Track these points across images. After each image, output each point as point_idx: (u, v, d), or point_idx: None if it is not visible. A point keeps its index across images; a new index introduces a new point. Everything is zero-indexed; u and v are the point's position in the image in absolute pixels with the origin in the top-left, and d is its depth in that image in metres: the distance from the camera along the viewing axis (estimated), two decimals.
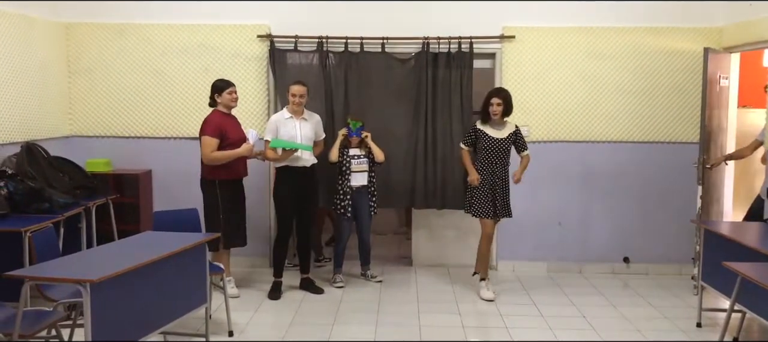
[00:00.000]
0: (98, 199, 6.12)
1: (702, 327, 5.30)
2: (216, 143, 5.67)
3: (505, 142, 5.99)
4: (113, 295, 3.71)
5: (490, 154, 5.97)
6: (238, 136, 5.84)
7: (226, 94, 5.82)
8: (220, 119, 5.77)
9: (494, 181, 5.98)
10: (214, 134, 5.68)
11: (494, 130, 5.98)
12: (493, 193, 5.97)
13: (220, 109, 5.84)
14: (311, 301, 5.90)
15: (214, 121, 5.74)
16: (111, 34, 6.77)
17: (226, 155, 5.71)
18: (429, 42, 6.59)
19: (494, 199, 5.98)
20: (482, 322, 5.48)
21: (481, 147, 5.99)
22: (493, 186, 5.98)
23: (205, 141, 5.68)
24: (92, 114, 6.86)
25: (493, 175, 5.98)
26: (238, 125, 5.95)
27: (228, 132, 5.76)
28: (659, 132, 6.73)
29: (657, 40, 6.62)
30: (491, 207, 5.98)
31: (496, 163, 5.98)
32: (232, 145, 5.75)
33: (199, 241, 4.64)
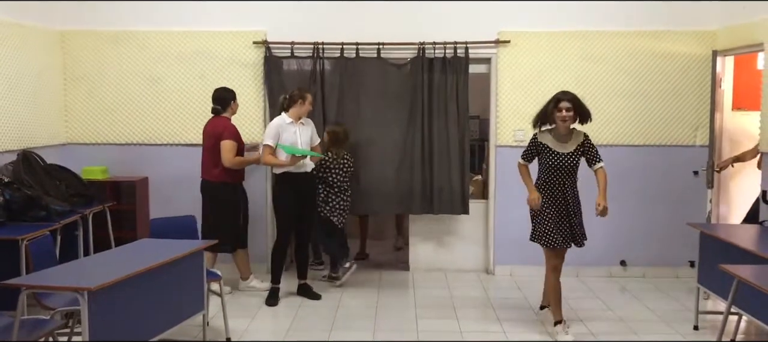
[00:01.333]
0: (95, 207, 6.12)
1: (699, 329, 5.31)
2: (236, 148, 5.98)
3: (573, 157, 5.02)
4: (111, 302, 3.70)
5: (555, 172, 5.03)
6: (242, 141, 6.20)
7: (236, 101, 6.17)
8: (233, 126, 6.08)
9: (563, 203, 5.05)
10: (236, 139, 6.00)
11: (558, 142, 5.02)
12: (560, 218, 5.04)
13: (226, 115, 6.09)
14: (309, 307, 5.90)
15: (232, 128, 6.04)
16: (106, 42, 6.77)
17: (245, 161, 6.14)
18: (424, 47, 6.61)
19: (562, 224, 5.05)
20: (481, 327, 5.48)
21: (544, 164, 5.07)
22: (560, 210, 5.05)
23: (228, 145, 5.93)
24: (88, 121, 6.85)
25: (564, 197, 5.05)
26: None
27: (239, 139, 6.10)
28: (655, 135, 6.75)
29: (651, 43, 6.65)
30: (557, 234, 5.04)
31: (564, 183, 5.04)
32: (241, 151, 6.11)
33: (197, 248, 4.63)
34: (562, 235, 5.04)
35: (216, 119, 6.06)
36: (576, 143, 5.05)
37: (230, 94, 6.13)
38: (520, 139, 6.77)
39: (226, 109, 6.09)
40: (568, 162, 5.02)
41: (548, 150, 5.03)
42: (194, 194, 6.23)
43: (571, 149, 5.03)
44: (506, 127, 6.78)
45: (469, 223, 6.98)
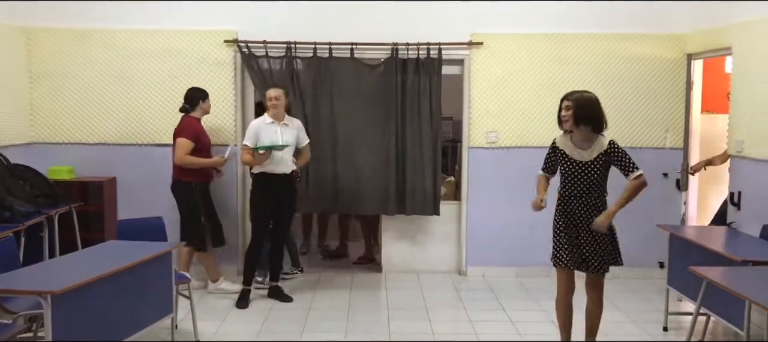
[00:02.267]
0: (61, 208, 5.99)
1: (668, 330, 5.35)
2: (191, 147, 5.87)
3: (592, 168, 4.35)
4: (76, 306, 3.62)
5: (570, 183, 4.44)
6: (208, 142, 6.12)
7: (208, 101, 6.12)
8: (196, 125, 6.01)
9: (573, 223, 4.45)
10: (191, 138, 5.90)
11: (577, 148, 4.41)
12: (569, 237, 4.46)
13: (195, 115, 6.04)
14: (280, 310, 5.84)
15: (192, 126, 5.97)
16: (74, 39, 6.63)
17: (199, 162, 5.97)
18: (398, 48, 6.58)
19: (572, 243, 4.45)
20: (453, 329, 5.47)
21: (561, 173, 4.53)
22: (569, 228, 4.46)
23: (182, 143, 5.86)
24: (55, 120, 6.71)
25: (580, 211, 4.43)
26: (206, 132, 6.17)
27: (201, 137, 6.02)
28: (626, 137, 6.78)
29: (624, 46, 6.70)
30: (564, 252, 4.48)
31: (582, 195, 4.41)
32: (203, 149, 6.00)
33: (165, 250, 4.55)
34: (570, 255, 4.45)
35: (183, 118, 6.05)
36: (598, 151, 4.34)
37: (200, 94, 6.09)
38: (493, 140, 6.79)
39: (194, 108, 6.06)
40: (586, 172, 4.36)
41: (565, 156, 4.45)
42: (163, 195, 6.14)
43: (590, 157, 4.35)
44: (479, 128, 6.78)
45: (442, 224, 6.97)
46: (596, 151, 4.36)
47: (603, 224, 4.35)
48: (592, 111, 4.36)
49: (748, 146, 5.63)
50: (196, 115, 6.07)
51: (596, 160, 4.35)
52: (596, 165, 4.35)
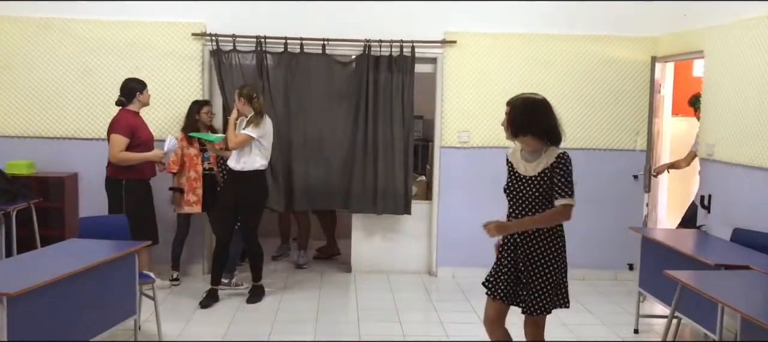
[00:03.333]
0: (19, 204, 5.79)
1: (639, 333, 5.35)
2: (126, 143, 5.61)
3: (536, 184, 3.62)
4: (34, 308, 3.45)
5: (513, 199, 3.72)
6: (147, 135, 5.85)
7: (146, 92, 5.83)
8: (131, 119, 5.72)
9: (512, 250, 3.72)
10: (125, 134, 5.62)
11: (522, 161, 3.73)
12: (511, 265, 3.74)
13: (131, 108, 5.77)
14: (247, 311, 5.70)
15: (125, 121, 5.68)
16: (34, 29, 6.40)
17: (136, 157, 5.67)
18: (370, 45, 6.49)
19: (511, 273, 3.73)
20: (423, 331, 5.40)
21: (507, 188, 3.80)
22: (508, 255, 3.74)
23: (115, 140, 5.60)
24: (13, 113, 6.47)
25: (520, 236, 3.69)
26: (145, 124, 5.90)
27: (139, 132, 5.73)
28: (598, 139, 6.80)
29: (597, 48, 6.70)
30: (501, 283, 3.77)
31: (523, 216, 3.67)
32: (142, 144, 5.73)
33: (129, 250, 4.40)
34: (503, 284, 3.74)
35: (119, 112, 5.76)
36: (545, 164, 3.62)
37: (138, 85, 5.80)
38: (465, 140, 6.74)
39: (130, 100, 5.76)
40: (529, 189, 3.63)
41: (511, 169, 3.79)
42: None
43: (535, 172, 3.64)
44: (451, 128, 6.72)
45: (412, 224, 6.90)
46: (542, 164, 3.62)
47: (490, 229, 3.60)
48: (531, 117, 3.67)
49: (718, 149, 5.65)
50: (133, 108, 5.76)
51: (541, 176, 3.61)
52: (540, 181, 3.61)
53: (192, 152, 6.20)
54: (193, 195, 6.21)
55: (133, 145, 5.65)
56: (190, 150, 6.20)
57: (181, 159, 6.19)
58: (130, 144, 5.63)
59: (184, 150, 6.18)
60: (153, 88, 6.34)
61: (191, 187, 6.20)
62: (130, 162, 5.65)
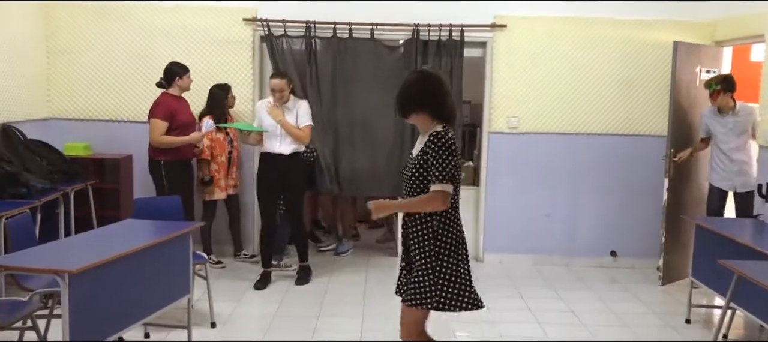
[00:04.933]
0: (77, 185, 5.96)
1: (691, 323, 5.25)
2: (165, 127, 5.69)
3: (413, 165, 3.36)
4: (92, 285, 3.56)
5: (402, 181, 3.48)
6: (188, 118, 5.90)
7: (186, 77, 5.87)
8: (171, 102, 5.79)
9: (404, 235, 3.47)
10: (165, 117, 5.70)
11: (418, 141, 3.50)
12: (404, 254, 3.52)
13: (171, 92, 5.84)
14: (296, 293, 5.78)
15: (164, 104, 5.76)
16: (91, 15, 6.56)
17: (174, 141, 5.75)
18: (419, 29, 6.46)
19: (404, 264, 3.51)
20: (470, 316, 5.35)
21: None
22: (405, 240, 3.46)
23: (155, 124, 5.70)
24: (71, 96, 6.66)
25: (403, 220, 3.48)
26: (188, 108, 5.97)
27: (178, 115, 5.79)
28: (649, 125, 6.67)
29: (649, 32, 6.55)
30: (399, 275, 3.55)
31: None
32: (182, 127, 5.79)
33: (184, 230, 4.49)
34: (401, 277, 3.51)
35: (159, 96, 5.85)
36: (421, 144, 3.36)
37: (179, 69, 5.85)
38: (514, 125, 6.68)
39: (170, 84, 5.84)
40: (407, 172, 3.39)
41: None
42: None
43: (415, 152, 3.41)
44: (500, 113, 6.67)
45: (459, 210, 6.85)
46: (421, 144, 3.37)
47: (372, 207, 3.36)
48: (411, 94, 3.36)
49: None
50: (172, 91, 5.84)
51: (418, 157, 3.33)
52: (417, 162, 3.33)
53: (221, 137, 6.28)
54: (224, 180, 6.32)
55: (172, 128, 5.72)
56: (218, 135, 6.25)
57: (211, 145, 6.22)
58: (169, 128, 5.71)
59: (213, 136, 6.21)
60: (204, 73, 6.47)
61: (225, 171, 6.32)
62: (169, 146, 5.74)
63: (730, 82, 5.76)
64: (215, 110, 6.14)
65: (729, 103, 5.74)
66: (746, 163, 5.76)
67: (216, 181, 6.27)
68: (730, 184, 5.80)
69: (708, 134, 5.94)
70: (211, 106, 6.20)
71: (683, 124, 6.14)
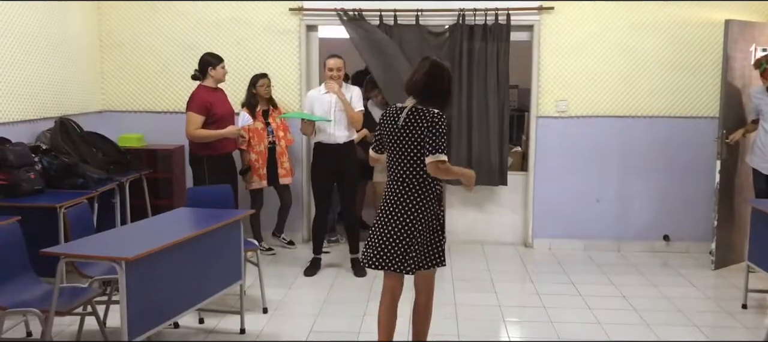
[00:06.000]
0: (131, 175, 6.11)
1: (748, 308, 5.12)
2: (201, 120, 5.61)
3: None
4: (148, 272, 3.66)
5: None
6: (225, 110, 5.78)
7: (220, 68, 5.76)
8: (206, 95, 5.69)
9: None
10: (201, 111, 5.60)
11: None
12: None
13: (206, 84, 5.76)
14: (345, 279, 5.84)
15: (200, 97, 5.66)
16: (143, 9, 6.72)
17: (210, 134, 5.65)
18: (464, 14, 6.42)
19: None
20: (520, 302, 5.37)
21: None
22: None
23: (190, 118, 5.63)
24: (124, 89, 6.83)
25: None
26: (225, 99, 5.88)
27: (215, 107, 5.68)
28: (701, 107, 6.51)
29: (701, 12, 6.38)
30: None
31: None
32: (219, 120, 5.70)
33: (235, 218, 4.57)
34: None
35: (196, 88, 5.77)
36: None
37: (212, 60, 5.74)
38: (563, 109, 6.60)
39: (205, 76, 5.75)
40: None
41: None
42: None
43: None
44: (548, 97, 6.59)
45: (508, 195, 6.84)
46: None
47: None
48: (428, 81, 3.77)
49: None
50: (208, 83, 5.73)
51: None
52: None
53: (259, 127, 6.24)
54: (264, 169, 6.29)
55: (209, 121, 5.63)
56: (256, 124, 6.23)
57: (249, 134, 6.20)
58: (206, 121, 5.62)
59: (250, 126, 6.21)
60: (252, 62, 6.56)
61: (263, 160, 6.28)
62: (205, 140, 5.65)
63: None
64: (250, 100, 6.25)
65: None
66: None
67: (255, 170, 6.26)
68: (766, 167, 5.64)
69: (758, 115, 5.77)
70: (247, 98, 6.29)
71: (737, 105, 5.98)
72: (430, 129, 3.58)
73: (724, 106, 5.88)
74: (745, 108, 6.00)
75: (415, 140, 3.62)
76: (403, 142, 3.65)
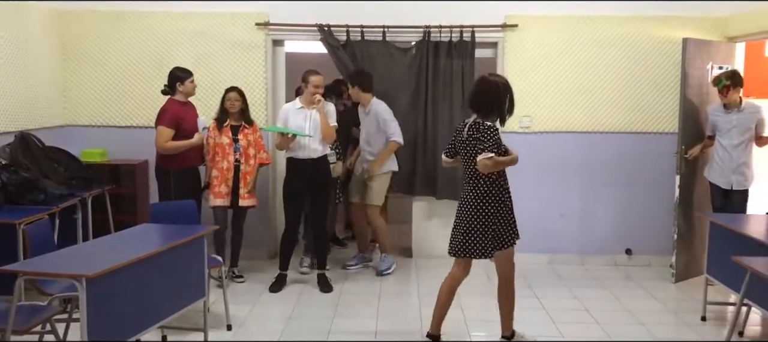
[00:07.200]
0: (94, 190, 6.03)
1: (707, 321, 5.23)
2: (171, 134, 5.68)
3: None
4: (110, 289, 3.62)
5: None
6: (194, 124, 5.86)
7: (188, 82, 5.84)
8: (176, 109, 5.77)
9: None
10: (170, 124, 5.68)
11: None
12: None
13: (177, 98, 5.83)
14: (312, 294, 5.82)
15: (170, 111, 5.74)
16: (107, 21, 6.65)
17: (179, 145, 5.72)
18: (430, 31, 6.49)
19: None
20: (485, 316, 5.40)
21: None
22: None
23: (160, 131, 5.69)
24: (87, 103, 6.75)
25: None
26: (194, 113, 5.94)
27: (184, 121, 5.76)
28: (661, 122, 6.65)
29: (660, 29, 6.53)
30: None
31: None
32: (189, 134, 5.77)
33: (198, 234, 4.54)
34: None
35: (166, 102, 5.83)
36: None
37: (181, 74, 5.84)
38: (527, 125, 6.69)
39: (174, 90, 5.83)
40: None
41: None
42: None
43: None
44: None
45: None
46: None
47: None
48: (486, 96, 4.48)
49: None
50: (177, 98, 5.82)
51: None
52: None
53: (225, 142, 5.95)
54: (225, 186, 5.94)
55: (179, 135, 5.70)
56: (222, 139, 5.95)
57: (213, 149, 5.96)
58: (176, 134, 5.68)
59: (216, 140, 5.96)
60: (219, 77, 6.54)
61: (223, 177, 5.93)
62: (175, 151, 5.71)
63: (738, 78, 5.75)
64: (220, 114, 5.99)
65: (736, 99, 5.74)
66: (745, 163, 5.76)
67: (212, 187, 5.96)
68: (726, 181, 5.81)
69: (714, 131, 5.94)
70: (218, 111, 6.04)
71: (695, 121, 6.13)
72: (481, 137, 4.29)
73: (683, 121, 6.03)
74: (704, 124, 6.15)
75: (474, 148, 4.33)
76: (468, 149, 4.39)
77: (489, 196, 4.41)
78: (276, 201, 6.72)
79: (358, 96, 6.25)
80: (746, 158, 5.77)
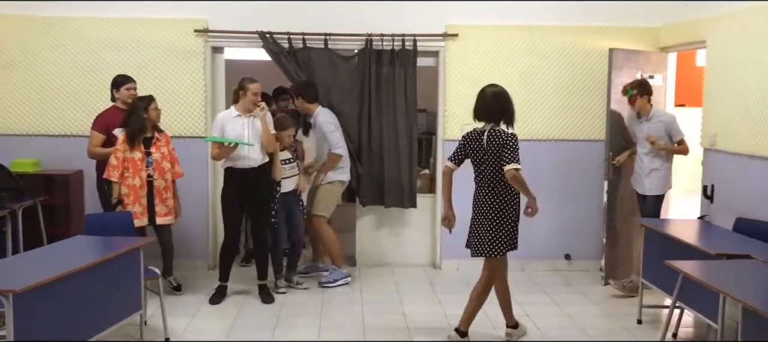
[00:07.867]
0: (25, 201, 5.83)
1: (643, 323, 5.36)
2: (101, 139, 5.69)
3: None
4: (39, 305, 3.49)
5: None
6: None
7: (124, 89, 5.82)
8: (112, 115, 5.74)
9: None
10: (101, 130, 5.70)
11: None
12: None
13: (118, 105, 5.82)
14: (253, 306, 5.73)
15: (104, 117, 5.76)
16: (38, 27, 6.44)
17: (105, 152, 5.65)
18: (372, 39, 6.50)
19: None
20: (428, 323, 5.42)
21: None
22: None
23: (91, 135, 5.73)
24: (18, 111, 6.51)
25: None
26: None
27: (114, 128, 5.68)
28: (592, 130, 6.80)
29: (596, 39, 6.69)
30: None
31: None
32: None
33: (133, 245, 4.43)
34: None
35: (108, 108, 5.86)
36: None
37: (118, 79, 5.86)
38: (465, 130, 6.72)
39: (113, 97, 5.87)
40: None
41: None
42: None
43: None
44: (454, 121, 6.73)
45: (417, 217, 6.92)
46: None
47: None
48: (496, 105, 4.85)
49: (721, 139, 5.66)
50: (118, 104, 5.81)
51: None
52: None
53: (136, 157, 5.52)
54: (139, 205, 5.52)
55: (110, 142, 5.65)
56: (134, 154, 5.51)
57: (123, 164, 5.51)
58: (106, 141, 5.66)
59: (126, 154, 5.52)
60: (157, 86, 6.39)
61: (136, 196, 5.52)
62: (101, 158, 5.69)
63: (646, 86, 5.91)
64: (131, 124, 5.52)
65: (646, 108, 5.91)
66: (656, 170, 5.88)
67: (125, 206, 5.49)
68: (641, 187, 5.98)
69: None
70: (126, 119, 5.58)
71: (621, 129, 6.30)
72: (507, 145, 4.53)
73: (610, 129, 6.20)
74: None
75: (495, 154, 4.58)
76: (487, 156, 4.62)
77: (509, 197, 4.71)
78: (216, 211, 6.60)
79: (303, 107, 6.24)
80: (657, 165, 5.89)
